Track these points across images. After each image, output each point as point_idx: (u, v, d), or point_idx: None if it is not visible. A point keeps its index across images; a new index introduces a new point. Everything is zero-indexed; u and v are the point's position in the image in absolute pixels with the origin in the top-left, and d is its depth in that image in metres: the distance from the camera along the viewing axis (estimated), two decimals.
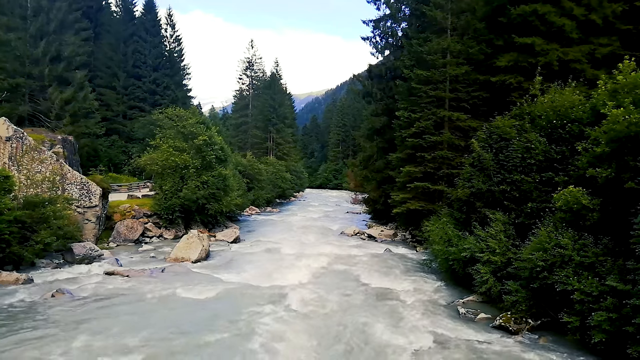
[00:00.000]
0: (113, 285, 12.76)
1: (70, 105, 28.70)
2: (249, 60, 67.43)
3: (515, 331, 9.62)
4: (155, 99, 44.63)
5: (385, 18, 28.88)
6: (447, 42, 20.33)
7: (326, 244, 21.89)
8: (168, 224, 22.54)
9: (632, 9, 16.69)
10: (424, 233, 16.62)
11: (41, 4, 28.16)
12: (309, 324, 10.16)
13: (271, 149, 60.71)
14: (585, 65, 16.32)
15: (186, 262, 16.36)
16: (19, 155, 17.18)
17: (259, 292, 12.48)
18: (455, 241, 13.12)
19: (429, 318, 10.71)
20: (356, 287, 13.62)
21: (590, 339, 8.13)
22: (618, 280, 7.97)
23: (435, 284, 14.03)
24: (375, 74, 30.66)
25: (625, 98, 9.22)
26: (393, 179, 22.99)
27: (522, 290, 10.06)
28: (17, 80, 26.64)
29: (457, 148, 19.56)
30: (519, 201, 11.86)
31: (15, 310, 10.29)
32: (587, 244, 9.07)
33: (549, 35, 16.72)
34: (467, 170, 14.19)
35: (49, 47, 28.16)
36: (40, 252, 14.35)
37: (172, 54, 48.98)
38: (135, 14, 48.26)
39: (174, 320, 10.03)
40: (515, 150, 12.23)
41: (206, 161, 23.89)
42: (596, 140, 9.61)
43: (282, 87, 70.83)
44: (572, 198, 9.34)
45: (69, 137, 23.81)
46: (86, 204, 18.55)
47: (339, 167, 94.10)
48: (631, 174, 8.56)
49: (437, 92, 20.11)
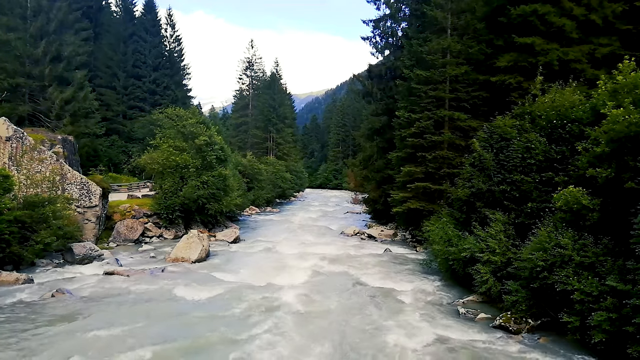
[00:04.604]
0: (113, 285, 12.75)
1: (70, 105, 28.73)
2: (249, 60, 67.47)
3: (515, 331, 9.62)
4: (155, 99, 44.67)
5: (385, 18, 28.91)
6: (447, 42, 20.33)
7: (326, 244, 21.89)
8: (168, 223, 22.55)
9: (632, 9, 16.68)
10: (424, 233, 16.60)
11: (41, 4, 28.17)
12: (308, 323, 10.16)
13: (271, 149, 60.70)
14: (585, 65, 16.31)
15: (186, 262, 16.36)
16: (18, 155, 17.18)
17: (259, 292, 12.47)
18: (455, 241, 13.11)
19: (428, 318, 10.70)
20: (356, 287, 13.61)
21: (590, 339, 8.12)
22: (618, 280, 7.96)
23: (435, 284, 14.03)
24: (375, 74, 30.69)
25: (625, 98, 9.21)
26: (393, 178, 22.99)
27: (522, 290, 10.05)
28: (17, 80, 26.67)
29: (457, 148, 19.56)
30: (519, 201, 11.86)
31: (15, 310, 10.29)
32: (587, 244, 9.06)
33: (549, 35, 16.72)
34: (467, 170, 14.19)
35: (49, 47, 28.17)
36: (40, 252, 14.36)
37: (172, 54, 49.03)
38: (135, 14, 48.31)
39: (174, 320, 10.03)
40: (515, 150, 12.22)
41: (206, 161, 23.91)
42: (596, 140, 9.60)
43: (282, 87, 70.76)
44: (572, 198, 9.33)
45: (69, 137, 23.83)
46: (86, 204, 18.56)
47: (339, 167, 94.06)
48: (631, 174, 8.55)
49: (437, 92, 20.11)
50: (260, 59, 68.55)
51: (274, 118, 60.84)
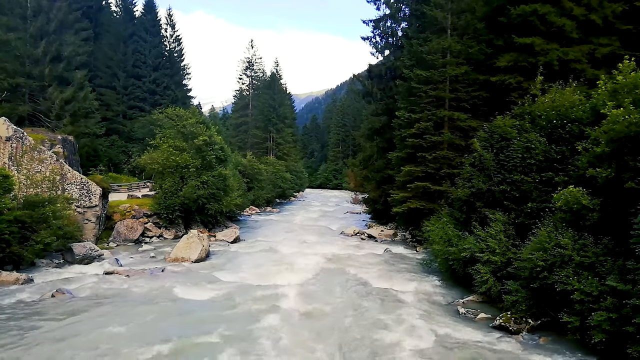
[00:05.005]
0: (113, 285, 12.76)
1: (70, 105, 28.72)
2: (249, 60, 67.44)
3: (515, 331, 9.62)
4: (155, 99, 44.66)
5: (385, 18, 28.89)
6: (447, 42, 20.33)
7: (326, 244, 21.90)
8: (168, 223, 22.55)
9: (632, 9, 16.68)
10: (424, 233, 16.62)
11: (41, 4, 28.15)
12: (308, 323, 10.17)
13: (271, 149, 60.69)
14: (585, 65, 16.31)
15: (186, 262, 16.37)
16: (18, 155, 17.18)
17: (259, 292, 12.48)
18: (455, 241, 13.12)
19: (428, 318, 10.70)
20: (356, 287, 13.61)
21: (590, 339, 8.12)
22: (618, 280, 7.96)
23: (435, 284, 14.03)
24: (375, 74, 30.68)
25: (625, 98, 9.21)
26: (393, 178, 22.99)
27: (522, 290, 10.05)
28: (17, 80, 26.66)
29: (457, 148, 19.56)
30: (519, 201, 11.86)
31: (15, 310, 10.29)
32: (587, 244, 9.06)
33: (549, 35, 16.71)
34: (468, 170, 14.20)
35: (49, 47, 28.16)
36: (40, 252, 14.36)
37: (172, 54, 49.03)
38: (135, 14, 48.30)
39: (174, 320, 10.03)
40: (515, 150, 12.22)
41: (206, 161, 23.92)
42: (596, 140, 9.61)
43: (282, 87, 70.72)
44: (572, 198, 9.33)
45: (69, 137, 23.83)
46: (86, 203, 18.56)
47: (339, 167, 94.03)
48: (631, 174, 8.56)
49: (437, 92, 20.11)
50: (260, 59, 68.57)
51: (274, 118, 60.84)
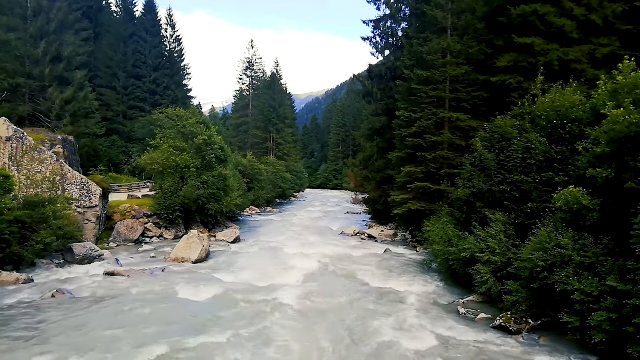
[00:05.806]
0: (113, 285, 12.76)
1: (70, 105, 28.72)
2: (249, 60, 67.47)
3: (515, 331, 9.62)
4: (155, 99, 44.67)
5: (385, 18, 28.89)
6: (447, 42, 20.32)
7: (326, 244, 21.89)
8: (168, 223, 22.55)
9: (632, 9, 16.67)
10: (424, 233, 16.61)
11: (41, 4, 28.16)
12: (308, 323, 10.17)
13: (271, 149, 60.70)
14: (585, 65, 16.31)
15: (186, 262, 16.37)
16: (19, 155, 17.17)
17: (259, 292, 12.48)
18: (455, 241, 13.11)
19: (428, 318, 10.70)
20: (356, 287, 13.62)
21: (590, 339, 8.12)
22: (618, 280, 7.96)
23: (435, 284, 14.03)
24: (375, 74, 30.67)
25: (625, 98, 9.21)
26: (393, 178, 23.00)
27: (522, 290, 10.05)
28: (17, 80, 26.66)
29: (457, 148, 19.55)
30: (519, 201, 11.86)
31: (15, 310, 10.29)
32: (587, 244, 9.06)
33: (548, 35, 16.71)
34: (468, 169, 14.20)
35: (49, 47, 28.16)
36: (40, 252, 14.35)
37: (172, 54, 49.04)
38: (135, 14, 48.31)
39: (174, 320, 10.02)
40: (515, 150, 12.22)
41: (206, 161, 23.91)
42: (596, 140, 9.60)
43: (282, 87, 70.75)
44: (572, 198, 9.33)
45: (69, 137, 23.83)
46: (86, 203, 18.56)
47: (339, 167, 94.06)
48: (631, 174, 8.55)
49: (437, 92, 20.10)
50: (260, 59, 68.63)
51: (274, 118, 60.85)
